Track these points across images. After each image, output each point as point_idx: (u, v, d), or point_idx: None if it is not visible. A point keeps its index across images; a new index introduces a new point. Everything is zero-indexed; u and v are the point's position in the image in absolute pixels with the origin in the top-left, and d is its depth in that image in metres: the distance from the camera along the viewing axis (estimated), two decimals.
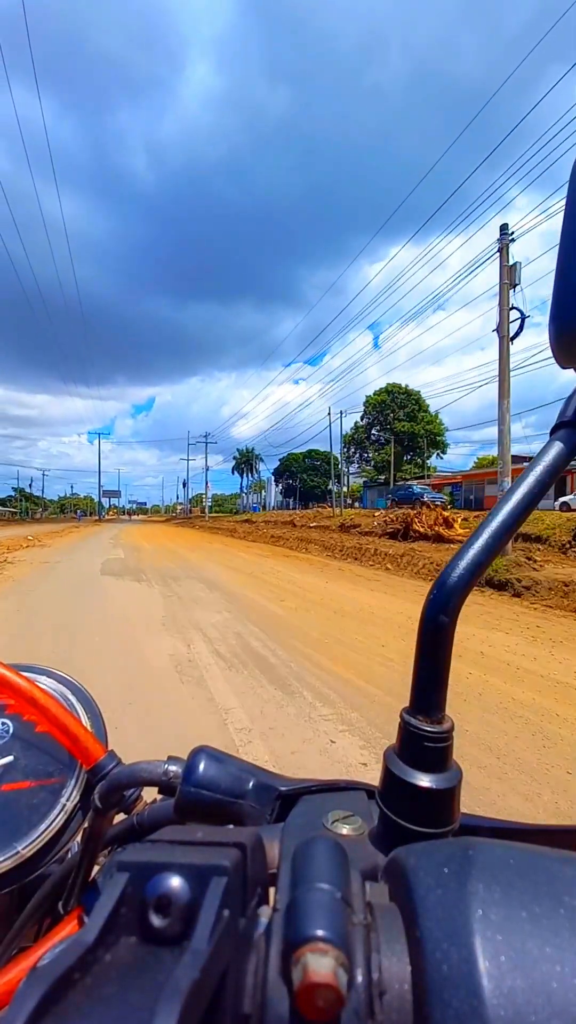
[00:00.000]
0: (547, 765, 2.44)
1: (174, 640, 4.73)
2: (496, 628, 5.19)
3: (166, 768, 0.35)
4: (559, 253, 0.28)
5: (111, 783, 0.36)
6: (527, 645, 4.54)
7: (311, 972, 0.16)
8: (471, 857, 0.20)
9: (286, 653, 4.33)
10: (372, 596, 7.11)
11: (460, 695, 3.27)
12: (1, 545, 16.00)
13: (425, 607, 0.27)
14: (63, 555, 13.29)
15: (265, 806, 0.32)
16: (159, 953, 0.17)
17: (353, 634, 4.93)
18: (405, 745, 0.27)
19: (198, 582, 8.44)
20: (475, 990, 0.15)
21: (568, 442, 0.28)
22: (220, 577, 9.17)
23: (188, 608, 6.22)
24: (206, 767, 0.32)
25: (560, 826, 0.30)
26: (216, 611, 6.06)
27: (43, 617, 5.61)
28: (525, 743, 2.66)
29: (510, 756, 2.53)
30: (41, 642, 4.58)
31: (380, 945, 0.18)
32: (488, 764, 2.45)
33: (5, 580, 8.61)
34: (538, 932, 0.17)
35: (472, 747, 2.61)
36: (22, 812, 0.38)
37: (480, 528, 0.28)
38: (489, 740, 2.69)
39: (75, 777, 0.40)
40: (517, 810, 2.10)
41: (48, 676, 0.46)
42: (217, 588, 7.81)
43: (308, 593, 7.35)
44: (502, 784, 2.27)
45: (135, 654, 4.26)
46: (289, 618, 5.70)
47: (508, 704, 3.18)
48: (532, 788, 2.24)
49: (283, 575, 9.49)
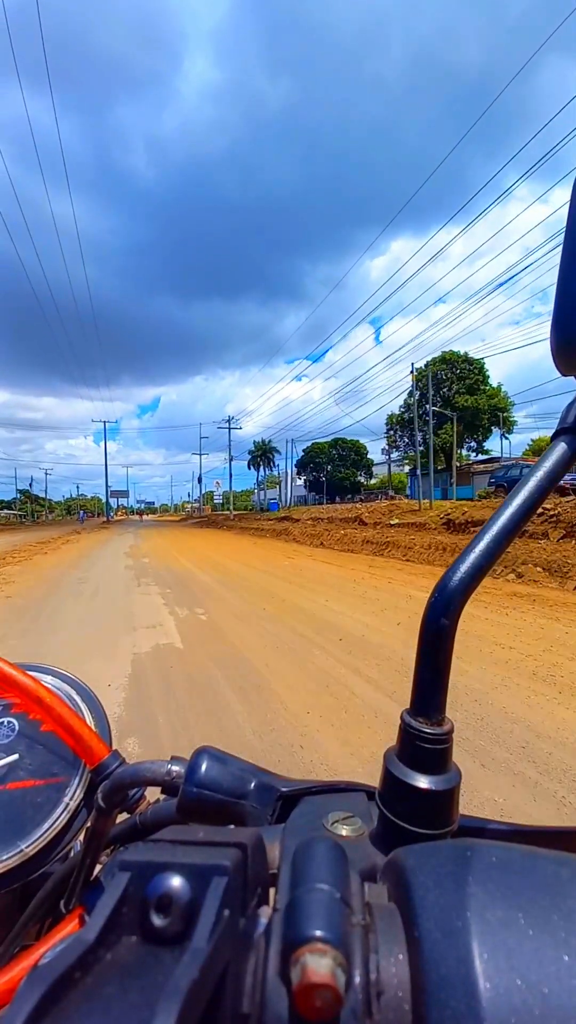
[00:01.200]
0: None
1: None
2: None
3: (169, 768, 0.35)
4: (561, 262, 0.28)
5: (114, 782, 0.36)
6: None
7: (310, 972, 0.16)
8: (470, 859, 0.20)
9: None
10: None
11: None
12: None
13: (426, 610, 0.27)
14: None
15: (266, 807, 0.32)
16: (159, 952, 0.17)
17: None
18: (405, 747, 0.27)
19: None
20: (473, 991, 0.15)
21: (569, 448, 0.28)
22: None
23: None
24: (208, 767, 0.33)
25: (559, 828, 0.30)
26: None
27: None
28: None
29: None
30: None
31: (379, 946, 0.18)
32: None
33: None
34: (536, 934, 0.17)
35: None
36: (26, 810, 0.37)
37: (481, 532, 0.28)
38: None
39: (79, 776, 0.39)
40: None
41: (53, 675, 0.46)
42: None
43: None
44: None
45: None
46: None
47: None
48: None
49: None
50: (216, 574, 8.74)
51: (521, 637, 4.16)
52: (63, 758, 0.40)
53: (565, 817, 1.89)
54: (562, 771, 2.17)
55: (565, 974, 0.15)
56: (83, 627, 4.93)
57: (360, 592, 6.38)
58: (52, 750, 0.40)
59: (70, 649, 4.16)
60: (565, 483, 16.26)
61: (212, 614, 5.39)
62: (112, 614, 5.54)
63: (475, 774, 2.17)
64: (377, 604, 5.63)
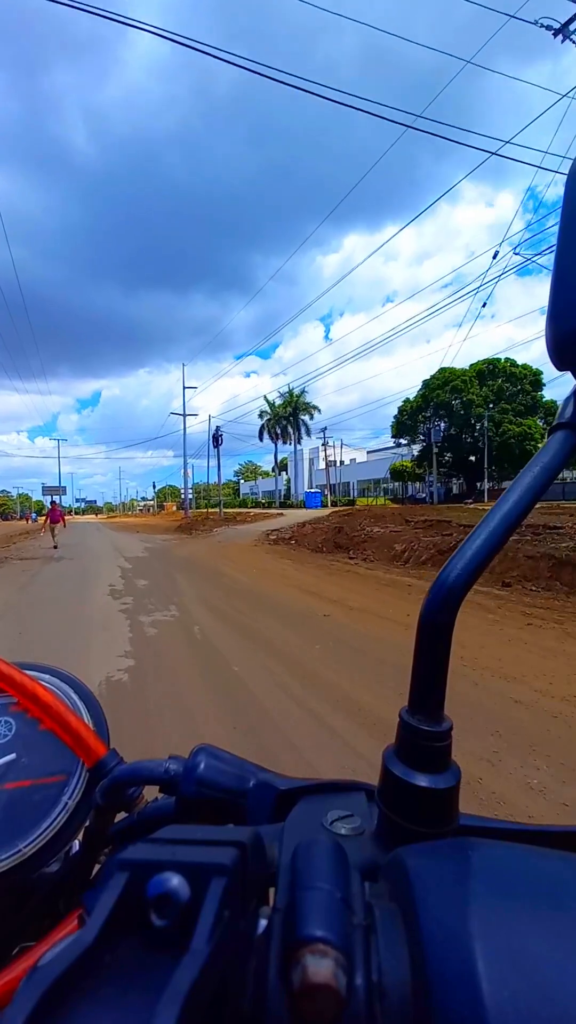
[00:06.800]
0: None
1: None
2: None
3: (167, 766, 0.35)
4: (556, 257, 0.28)
5: (112, 781, 0.36)
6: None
7: (310, 973, 0.16)
8: (471, 858, 0.20)
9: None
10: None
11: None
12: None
13: (424, 607, 0.27)
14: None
15: (265, 805, 0.32)
16: (159, 953, 0.17)
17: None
18: (404, 745, 0.27)
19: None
20: (475, 992, 0.15)
21: (567, 443, 0.28)
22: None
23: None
24: (207, 766, 0.33)
25: (560, 827, 0.29)
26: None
27: None
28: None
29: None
30: None
31: (380, 946, 0.18)
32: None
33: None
34: (538, 933, 0.17)
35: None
36: (24, 810, 0.37)
37: (479, 528, 0.28)
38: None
39: (77, 775, 0.39)
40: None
41: (51, 674, 0.45)
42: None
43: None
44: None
45: None
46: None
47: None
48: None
49: None
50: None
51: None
52: (61, 757, 0.39)
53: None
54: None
55: (568, 974, 0.15)
56: None
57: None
58: (50, 749, 0.40)
59: None
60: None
61: None
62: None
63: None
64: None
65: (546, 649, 3.95)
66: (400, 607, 5.51)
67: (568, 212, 0.27)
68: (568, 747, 2.43)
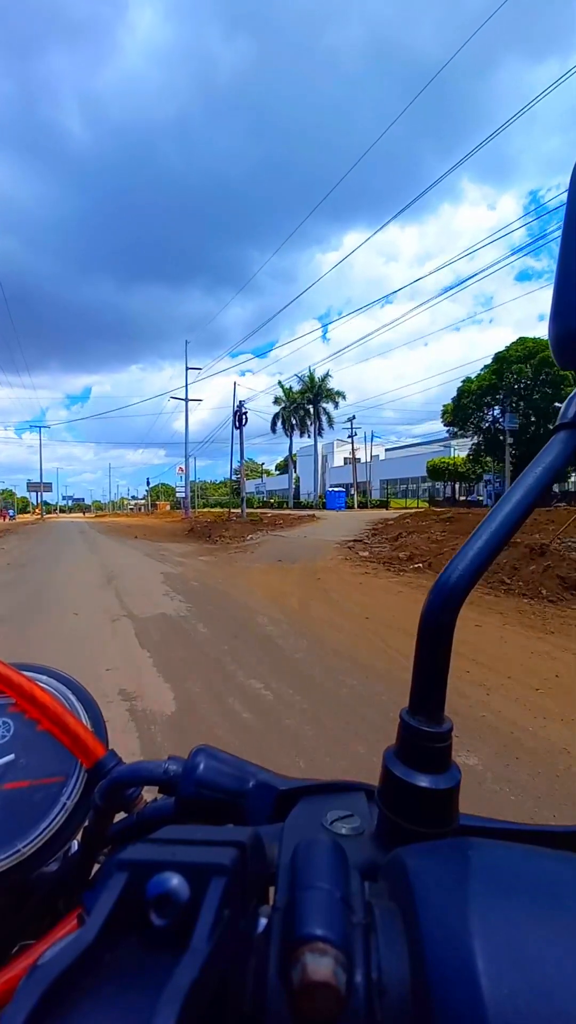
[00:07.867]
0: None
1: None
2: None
3: (166, 767, 0.35)
4: (559, 256, 0.28)
5: (111, 782, 0.36)
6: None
7: (310, 971, 0.16)
8: (471, 857, 0.20)
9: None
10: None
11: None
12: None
13: (425, 607, 0.27)
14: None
15: (265, 805, 0.32)
16: (159, 952, 0.17)
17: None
18: (404, 745, 0.27)
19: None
20: (475, 991, 0.15)
21: (568, 443, 0.28)
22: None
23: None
24: (206, 766, 0.33)
25: (560, 827, 0.29)
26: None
27: None
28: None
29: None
30: None
31: (379, 945, 0.18)
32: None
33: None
34: (538, 933, 0.17)
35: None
36: (23, 811, 0.37)
37: (480, 528, 0.28)
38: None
39: (76, 776, 0.39)
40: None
41: (49, 675, 0.45)
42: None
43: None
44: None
45: None
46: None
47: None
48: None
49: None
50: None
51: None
52: (59, 758, 0.39)
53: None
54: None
55: (567, 973, 0.15)
56: None
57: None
58: (48, 750, 0.39)
59: None
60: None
61: None
62: None
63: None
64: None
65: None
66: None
67: (571, 213, 0.27)
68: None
